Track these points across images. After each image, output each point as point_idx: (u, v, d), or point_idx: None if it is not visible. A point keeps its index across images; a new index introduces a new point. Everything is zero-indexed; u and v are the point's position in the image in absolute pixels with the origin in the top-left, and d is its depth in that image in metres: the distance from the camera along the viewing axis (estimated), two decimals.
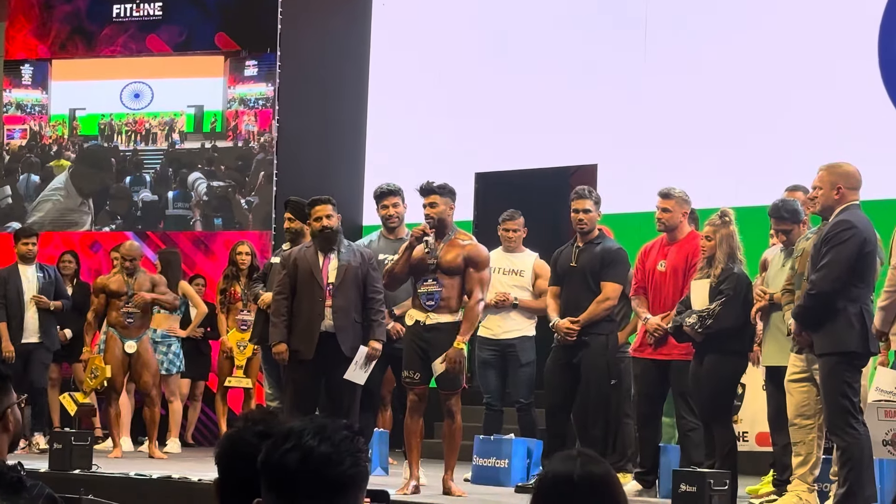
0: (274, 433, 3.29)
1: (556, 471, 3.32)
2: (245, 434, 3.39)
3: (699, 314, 8.55)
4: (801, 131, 11.94)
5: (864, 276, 7.54)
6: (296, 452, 2.94)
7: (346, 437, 2.97)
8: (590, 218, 9.19)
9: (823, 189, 7.67)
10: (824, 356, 7.53)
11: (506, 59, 13.99)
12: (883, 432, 8.04)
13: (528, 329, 10.32)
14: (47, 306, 12.06)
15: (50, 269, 12.39)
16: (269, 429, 3.35)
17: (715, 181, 11.89)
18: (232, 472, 3.39)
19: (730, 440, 8.71)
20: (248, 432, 3.38)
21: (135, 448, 12.59)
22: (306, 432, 2.96)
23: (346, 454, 2.96)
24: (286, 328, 8.97)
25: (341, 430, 2.98)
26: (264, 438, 3.30)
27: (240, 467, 3.35)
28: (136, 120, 14.85)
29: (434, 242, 8.76)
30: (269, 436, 3.30)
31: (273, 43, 14.29)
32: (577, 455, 3.34)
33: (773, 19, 12.35)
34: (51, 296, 12.13)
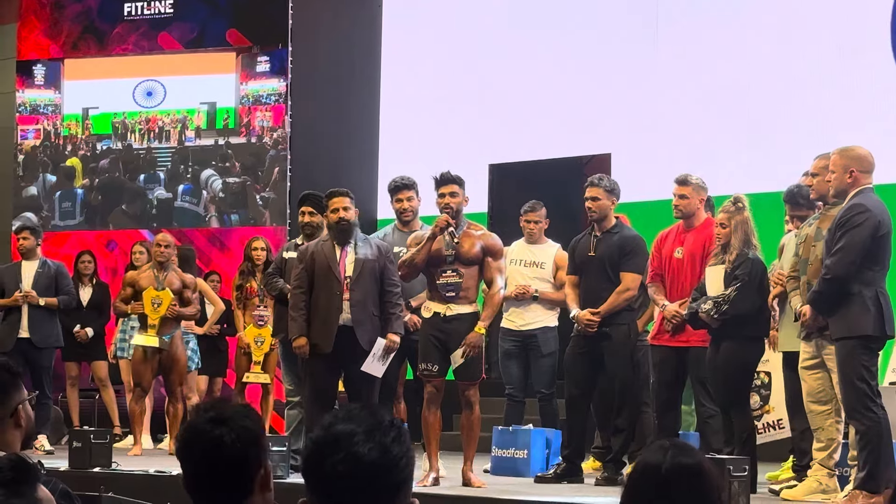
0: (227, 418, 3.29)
1: (646, 462, 3.29)
2: (199, 423, 3.38)
3: (714, 300, 8.54)
4: (815, 116, 11.92)
5: (878, 260, 7.52)
6: (347, 463, 2.85)
7: (395, 437, 2.89)
8: (598, 206, 9.15)
9: (836, 172, 7.64)
10: (840, 340, 7.51)
11: (518, 49, 13.98)
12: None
13: (550, 320, 10.33)
14: (36, 301, 12.00)
15: (53, 264, 12.29)
16: (220, 413, 3.35)
17: (729, 168, 11.88)
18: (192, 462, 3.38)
19: (748, 426, 8.69)
20: (201, 420, 3.37)
21: (154, 445, 12.63)
22: (356, 438, 2.86)
23: (399, 457, 2.89)
24: (305, 322, 8.98)
25: (390, 430, 2.89)
26: (218, 424, 3.31)
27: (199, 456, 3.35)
28: (150, 118, 14.88)
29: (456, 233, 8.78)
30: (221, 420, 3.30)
31: (284, 38, 14.31)
32: (669, 446, 3.30)
33: (785, 6, 12.32)
34: (50, 291, 12.06)
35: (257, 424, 3.37)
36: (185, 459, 3.37)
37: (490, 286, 8.89)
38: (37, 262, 12.15)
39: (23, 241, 12.18)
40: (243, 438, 3.32)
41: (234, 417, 3.34)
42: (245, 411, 3.37)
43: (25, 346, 11.98)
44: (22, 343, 11.99)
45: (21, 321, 12.04)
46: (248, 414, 3.37)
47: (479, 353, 8.80)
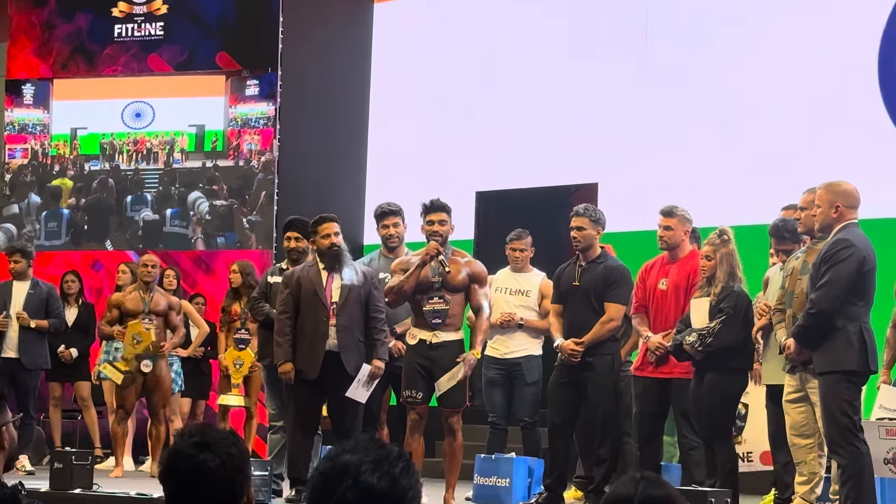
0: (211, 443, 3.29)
1: (617, 494, 3.30)
2: (182, 447, 3.38)
3: (699, 332, 8.56)
4: (802, 149, 11.96)
5: (863, 295, 7.55)
6: (356, 490, 2.84)
7: (403, 468, 2.88)
8: (583, 235, 9.15)
9: (822, 207, 7.68)
10: (824, 374, 7.53)
11: (506, 77, 14.02)
12: (884, 451, 8.05)
13: (534, 348, 10.34)
14: (27, 323, 11.97)
15: (45, 286, 12.29)
16: (204, 438, 3.35)
17: (715, 199, 11.90)
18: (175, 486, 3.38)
19: (731, 458, 8.70)
20: (184, 444, 3.37)
21: (136, 467, 12.59)
22: (363, 468, 2.85)
23: (407, 489, 2.88)
24: (291, 347, 8.97)
25: (398, 461, 2.89)
26: (202, 449, 3.31)
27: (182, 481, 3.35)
28: (138, 139, 14.88)
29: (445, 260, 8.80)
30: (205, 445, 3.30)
31: (274, 62, 14.33)
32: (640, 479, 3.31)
33: (773, 39, 12.38)
34: (41, 313, 12.04)
35: (242, 451, 3.37)
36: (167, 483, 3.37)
37: (478, 313, 8.91)
38: (28, 283, 12.13)
39: (14, 264, 12.16)
40: (227, 465, 3.31)
41: (219, 443, 3.33)
42: (230, 438, 3.37)
43: (13, 367, 11.96)
44: (10, 363, 11.97)
45: (8, 341, 12.01)
46: (234, 441, 3.37)
47: (464, 381, 8.82)
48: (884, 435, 8.14)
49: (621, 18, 13.37)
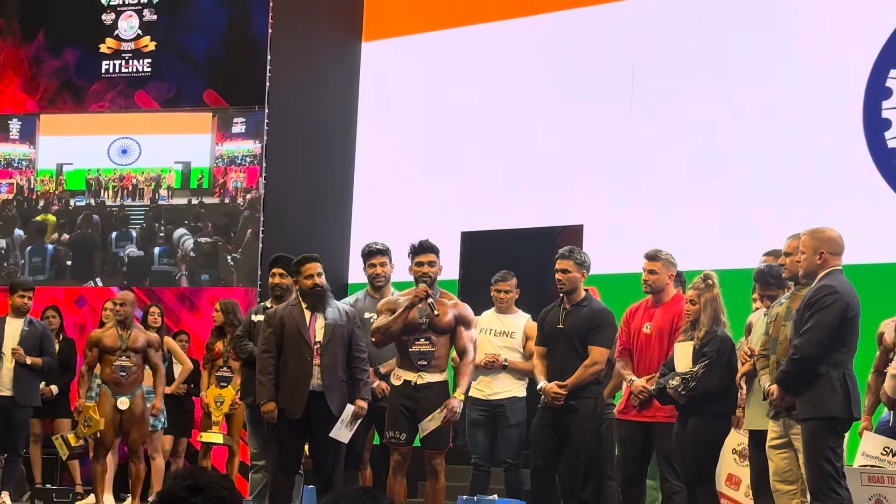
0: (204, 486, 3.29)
1: None
2: (175, 490, 3.38)
3: (682, 376, 8.57)
4: (787, 195, 12.00)
5: (846, 342, 7.56)
6: None
7: None
8: (568, 278, 9.17)
9: (806, 253, 7.71)
10: (806, 421, 7.54)
11: (492, 118, 14.06)
12: (866, 498, 8.06)
13: (518, 390, 10.33)
14: (23, 360, 11.91)
15: (39, 324, 12.23)
16: (197, 482, 3.35)
17: (700, 244, 11.93)
18: None
19: (713, 502, 8.70)
20: (177, 487, 3.37)
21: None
22: None
23: None
24: (274, 386, 8.95)
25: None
26: (194, 492, 3.31)
27: None
28: (123, 175, 14.88)
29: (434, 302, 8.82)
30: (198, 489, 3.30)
31: (261, 100, 14.36)
32: None
33: (758, 83, 12.43)
34: (35, 351, 12.00)
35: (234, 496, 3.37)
36: None
37: (462, 355, 8.92)
38: (23, 321, 12.07)
39: (27, 300, 12.05)
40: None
41: (211, 487, 3.33)
42: (223, 482, 3.37)
43: (6, 403, 11.91)
44: (3, 400, 11.92)
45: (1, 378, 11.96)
46: (226, 485, 3.37)
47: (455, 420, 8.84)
48: (865, 482, 8.15)
49: (607, 63, 13.42)
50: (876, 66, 11.85)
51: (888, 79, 11.79)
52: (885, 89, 11.79)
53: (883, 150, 11.72)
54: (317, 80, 14.88)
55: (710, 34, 12.89)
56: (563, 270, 9.19)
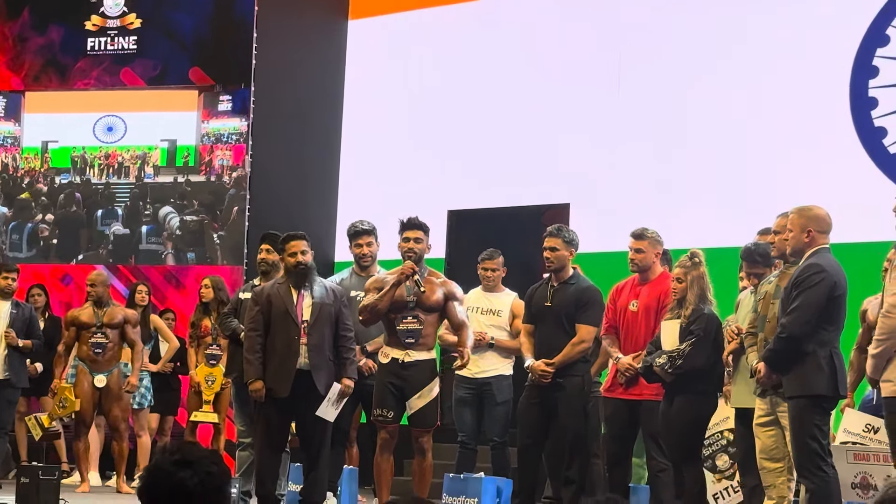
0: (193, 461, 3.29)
1: None
2: (163, 464, 3.37)
3: (669, 354, 8.59)
4: (773, 173, 12.02)
5: (833, 320, 7.58)
6: None
7: None
8: (556, 256, 9.16)
9: (794, 232, 7.71)
10: (793, 399, 7.56)
11: (479, 97, 14.05)
12: (852, 475, 8.08)
13: (505, 368, 10.34)
14: (15, 343, 11.87)
15: (26, 307, 12.14)
16: (185, 456, 3.35)
17: (686, 221, 11.95)
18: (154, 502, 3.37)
19: (699, 481, 8.73)
20: (165, 462, 3.37)
21: (103, 483, 12.54)
22: None
23: None
24: (261, 365, 8.93)
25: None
26: (182, 467, 3.31)
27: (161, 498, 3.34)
28: (109, 153, 14.85)
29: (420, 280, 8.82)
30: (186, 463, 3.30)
31: (247, 78, 14.33)
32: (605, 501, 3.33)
33: (746, 63, 12.43)
34: (23, 333, 11.94)
35: (223, 472, 3.36)
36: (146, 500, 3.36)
37: (461, 328, 8.91)
38: (9, 303, 11.99)
39: (11, 281, 11.95)
40: (206, 484, 3.31)
41: (200, 462, 3.33)
42: (212, 457, 3.37)
43: None
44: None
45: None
46: (215, 460, 3.37)
47: (435, 401, 8.83)
48: (852, 459, 8.17)
49: (595, 41, 13.41)
50: (862, 44, 11.86)
51: (875, 57, 11.80)
52: (871, 68, 11.81)
53: (870, 129, 11.74)
54: (303, 58, 14.85)
55: (699, 12, 12.89)
56: (551, 248, 9.18)
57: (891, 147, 11.62)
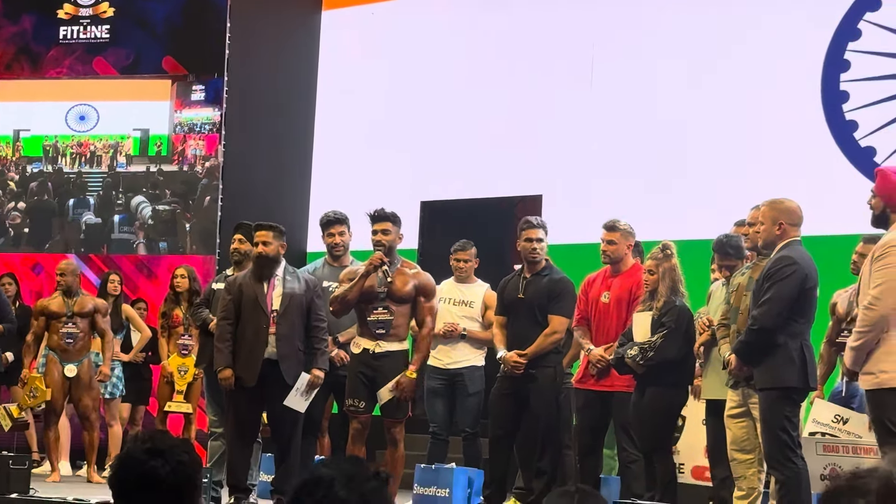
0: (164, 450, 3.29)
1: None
2: (134, 453, 3.37)
3: (640, 346, 8.61)
4: (745, 166, 12.05)
5: (804, 312, 7.61)
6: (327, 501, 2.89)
7: (374, 488, 2.92)
8: (543, 247, 9.22)
9: (766, 224, 7.74)
10: (764, 391, 7.59)
11: (452, 88, 14.05)
12: (821, 466, 8.11)
13: (477, 359, 10.35)
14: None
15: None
16: (156, 445, 3.35)
17: (658, 213, 11.97)
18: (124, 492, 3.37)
19: (670, 472, 8.76)
20: (137, 451, 3.37)
21: (73, 472, 12.51)
22: (337, 482, 2.89)
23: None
24: (231, 354, 8.94)
25: (370, 480, 2.92)
26: (154, 455, 3.31)
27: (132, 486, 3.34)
28: (81, 142, 14.79)
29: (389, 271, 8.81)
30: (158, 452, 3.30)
31: (221, 68, 14.30)
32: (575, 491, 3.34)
33: (719, 56, 12.46)
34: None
35: (194, 461, 3.37)
36: (117, 488, 3.36)
37: (421, 326, 8.92)
38: None
39: None
40: (178, 472, 3.31)
41: (171, 451, 3.33)
42: (183, 446, 3.37)
43: None
44: None
45: None
46: (187, 449, 3.37)
47: (410, 396, 8.85)
48: (821, 451, 8.21)
49: (569, 34, 13.42)
50: (834, 39, 11.90)
51: (846, 52, 11.84)
52: (843, 62, 11.85)
53: (841, 123, 11.79)
54: (276, 48, 14.82)
55: (672, 6, 12.91)
56: (537, 239, 9.21)
57: (861, 140, 11.67)
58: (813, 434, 8.41)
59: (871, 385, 6.99)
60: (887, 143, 11.51)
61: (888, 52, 11.66)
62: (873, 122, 11.62)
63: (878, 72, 11.66)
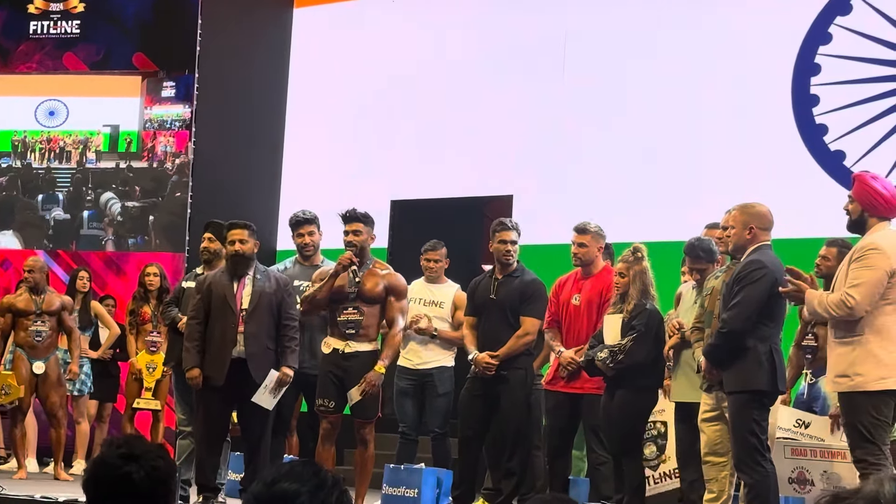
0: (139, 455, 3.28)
1: None
2: (109, 457, 3.36)
3: (611, 349, 8.63)
4: (716, 169, 12.09)
5: (774, 316, 7.64)
6: None
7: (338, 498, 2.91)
8: (516, 250, 9.23)
9: (736, 228, 7.77)
10: (733, 394, 7.62)
11: (423, 87, 14.05)
12: (789, 470, 8.17)
13: (447, 360, 10.35)
14: None
15: None
16: (131, 450, 3.34)
17: (629, 216, 12.00)
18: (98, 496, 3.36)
19: (639, 474, 8.78)
20: (111, 455, 3.36)
21: (40, 469, 12.47)
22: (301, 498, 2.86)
23: None
24: (199, 353, 8.92)
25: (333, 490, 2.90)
26: (128, 460, 3.30)
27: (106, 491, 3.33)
28: (51, 138, 14.73)
29: (359, 271, 8.80)
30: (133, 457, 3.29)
31: (191, 64, 14.25)
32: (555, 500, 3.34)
33: (691, 58, 12.50)
34: None
35: (169, 466, 3.36)
36: (91, 492, 3.35)
37: (391, 326, 8.92)
38: None
39: None
40: (153, 477, 3.30)
41: (146, 456, 3.32)
42: (158, 451, 3.36)
43: None
44: None
45: None
46: (161, 454, 3.36)
47: (377, 392, 8.84)
48: (789, 454, 8.26)
49: (539, 33, 13.43)
50: (805, 42, 11.95)
51: (817, 55, 11.89)
52: (813, 66, 11.90)
53: (811, 126, 11.84)
54: (248, 46, 14.79)
55: (643, 6, 12.93)
56: (511, 241, 9.22)
57: (831, 144, 11.72)
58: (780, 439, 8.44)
59: (847, 388, 7.04)
60: (857, 146, 11.57)
61: (858, 56, 11.71)
62: (843, 126, 11.67)
63: (849, 76, 11.71)
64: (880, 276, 6.98)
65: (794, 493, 8.21)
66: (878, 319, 7.01)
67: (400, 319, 8.95)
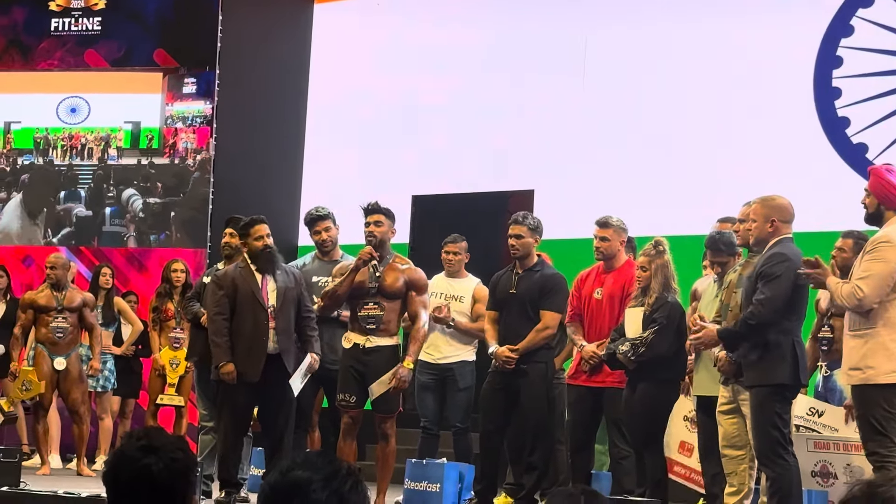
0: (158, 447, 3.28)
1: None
2: (128, 450, 3.36)
3: (632, 342, 8.61)
4: (737, 162, 12.06)
5: (796, 310, 7.60)
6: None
7: (352, 486, 2.91)
8: (522, 244, 9.17)
9: (758, 221, 7.73)
10: (755, 388, 7.59)
11: (445, 82, 14.03)
12: (812, 464, 8.14)
13: (468, 354, 10.31)
14: None
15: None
16: (151, 442, 3.33)
17: (651, 209, 11.97)
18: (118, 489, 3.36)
19: (661, 468, 8.76)
20: (131, 447, 3.35)
21: (63, 465, 12.49)
22: (314, 486, 2.88)
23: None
24: (230, 348, 8.92)
25: (347, 478, 2.91)
26: (148, 452, 3.29)
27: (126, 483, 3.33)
28: (72, 135, 14.76)
29: (379, 266, 8.80)
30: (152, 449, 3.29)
31: (212, 61, 14.26)
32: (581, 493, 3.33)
33: (711, 52, 12.46)
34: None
35: (189, 458, 3.35)
36: (110, 485, 3.34)
37: (414, 321, 8.91)
38: None
39: None
40: (172, 470, 3.30)
41: (166, 448, 3.32)
42: (178, 444, 3.35)
43: None
44: None
45: None
46: (181, 446, 3.35)
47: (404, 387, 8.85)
48: (812, 448, 8.23)
49: (561, 30, 13.41)
50: (827, 35, 11.91)
51: (839, 48, 11.85)
52: (836, 58, 11.86)
53: (833, 119, 11.80)
54: (268, 41, 14.79)
55: (664, 2, 12.91)
56: (516, 236, 9.19)
57: (854, 137, 11.68)
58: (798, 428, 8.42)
59: (858, 381, 7.02)
60: (879, 139, 11.52)
61: (881, 48, 11.66)
62: (865, 119, 11.63)
63: (871, 68, 11.67)
64: (891, 269, 6.97)
65: (817, 486, 8.18)
66: (890, 312, 7.00)
67: (423, 313, 8.95)
